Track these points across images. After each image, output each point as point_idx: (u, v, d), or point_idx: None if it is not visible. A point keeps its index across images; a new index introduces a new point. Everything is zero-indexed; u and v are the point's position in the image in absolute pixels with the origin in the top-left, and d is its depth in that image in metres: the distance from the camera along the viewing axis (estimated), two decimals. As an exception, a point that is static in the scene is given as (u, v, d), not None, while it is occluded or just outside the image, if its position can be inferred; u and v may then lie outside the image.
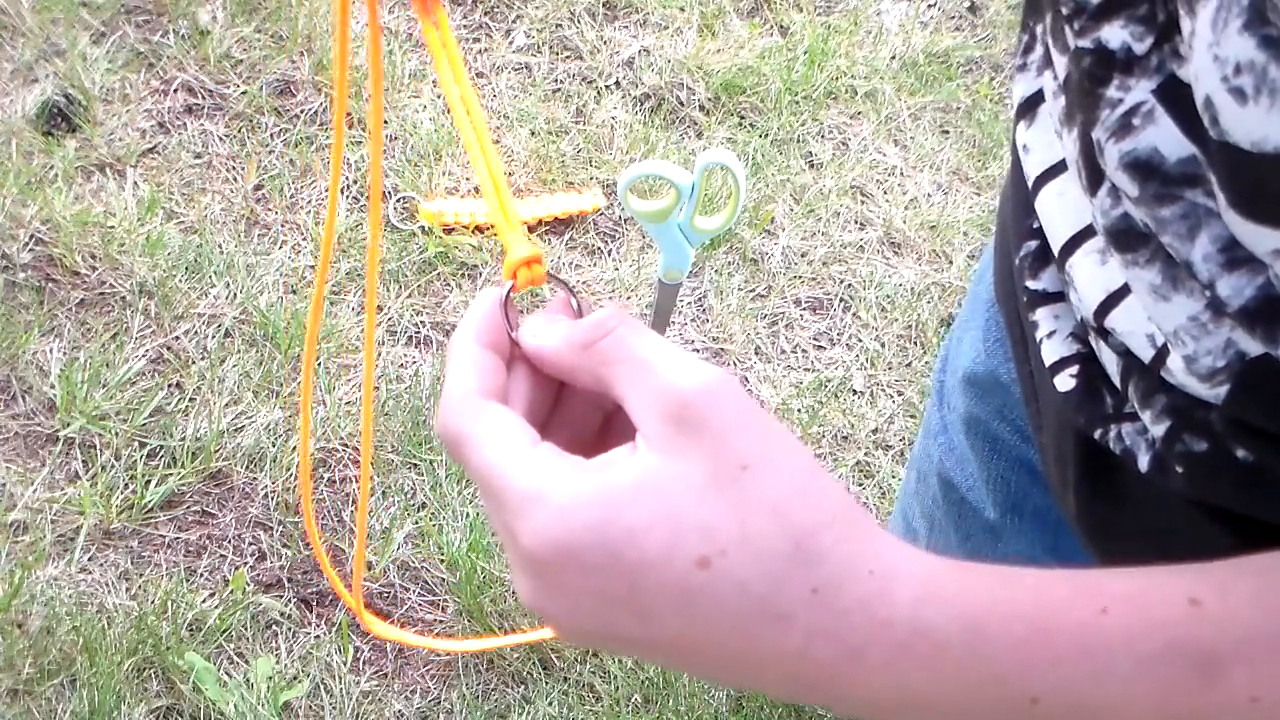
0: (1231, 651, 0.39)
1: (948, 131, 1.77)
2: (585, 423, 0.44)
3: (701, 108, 1.71)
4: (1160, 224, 0.46)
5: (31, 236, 1.41)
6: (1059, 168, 0.57)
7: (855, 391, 1.50)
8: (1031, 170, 0.59)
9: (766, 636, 0.37)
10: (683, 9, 1.79)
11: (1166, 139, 0.45)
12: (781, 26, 1.83)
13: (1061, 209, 0.56)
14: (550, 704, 1.22)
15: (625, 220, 1.57)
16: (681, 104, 1.71)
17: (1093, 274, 0.54)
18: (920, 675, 0.38)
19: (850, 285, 1.58)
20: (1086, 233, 0.55)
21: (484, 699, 1.22)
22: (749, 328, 1.52)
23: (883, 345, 1.54)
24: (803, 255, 1.60)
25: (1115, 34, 0.46)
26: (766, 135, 1.69)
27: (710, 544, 0.37)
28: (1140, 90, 0.45)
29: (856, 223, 1.65)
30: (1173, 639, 0.39)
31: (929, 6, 1.91)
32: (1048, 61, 0.53)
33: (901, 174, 1.70)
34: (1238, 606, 0.40)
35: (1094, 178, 0.49)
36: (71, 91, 1.53)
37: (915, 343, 1.55)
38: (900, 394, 1.51)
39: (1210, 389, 0.48)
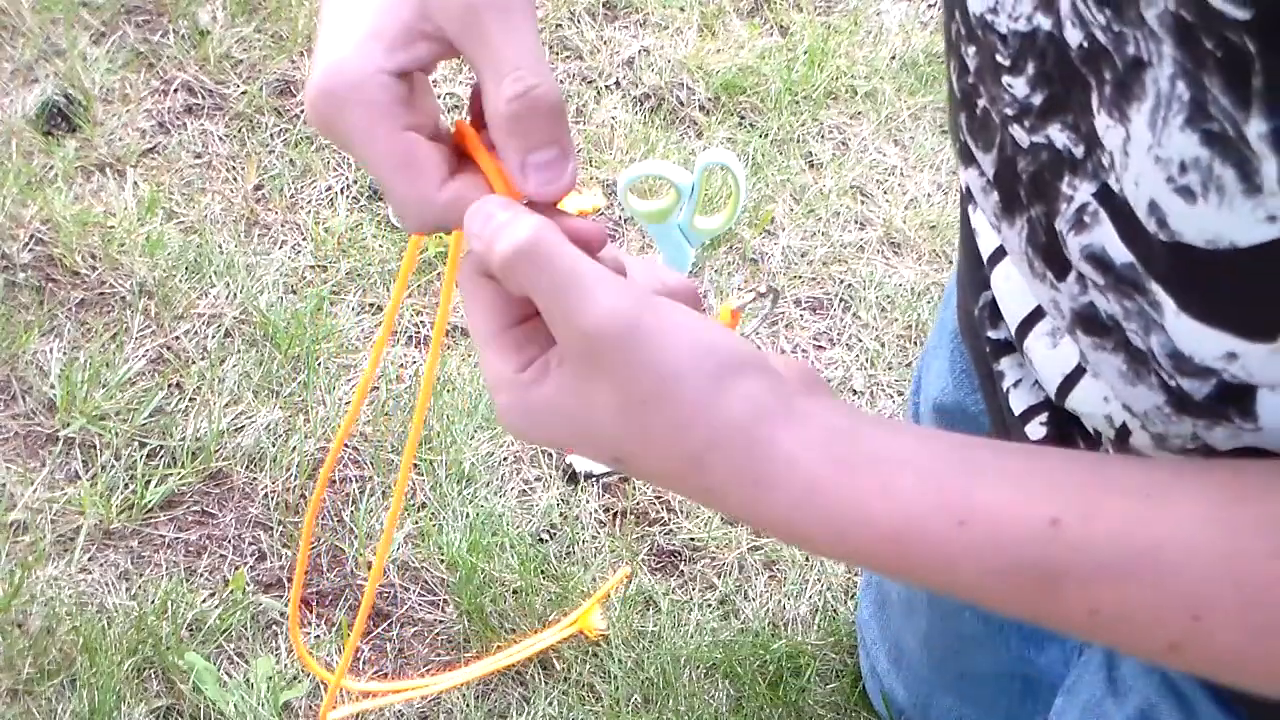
0: (1077, 572, 0.43)
1: (948, 131, 1.77)
2: None
3: (701, 108, 1.71)
4: (1125, 314, 0.46)
5: (31, 236, 1.41)
6: (1001, 252, 0.58)
7: (855, 391, 1.50)
8: (984, 250, 0.59)
9: (678, 490, 0.46)
10: (683, 9, 1.79)
11: (1112, 241, 0.45)
12: (781, 26, 1.83)
13: (1010, 292, 0.57)
14: (550, 704, 1.22)
15: (625, 220, 1.58)
16: (681, 104, 1.71)
17: (1047, 356, 0.55)
18: (801, 546, 0.46)
19: (850, 285, 1.58)
20: (1036, 314, 0.55)
21: (484, 699, 1.22)
22: (749, 328, 1.52)
23: (883, 345, 1.54)
24: (803, 255, 1.60)
25: (1057, 135, 0.46)
26: (766, 135, 1.69)
27: (618, 451, 0.45)
28: (1084, 192, 0.45)
29: (856, 223, 1.65)
30: (1022, 556, 0.43)
31: (929, 6, 1.91)
32: (970, 158, 0.53)
33: (901, 174, 1.70)
34: (1096, 533, 0.43)
35: (1058, 265, 0.49)
36: (71, 91, 1.53)
37: (915, 343, 1.55)
38: (900, 394, 1.51)
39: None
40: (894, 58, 1.82)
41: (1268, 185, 0.36)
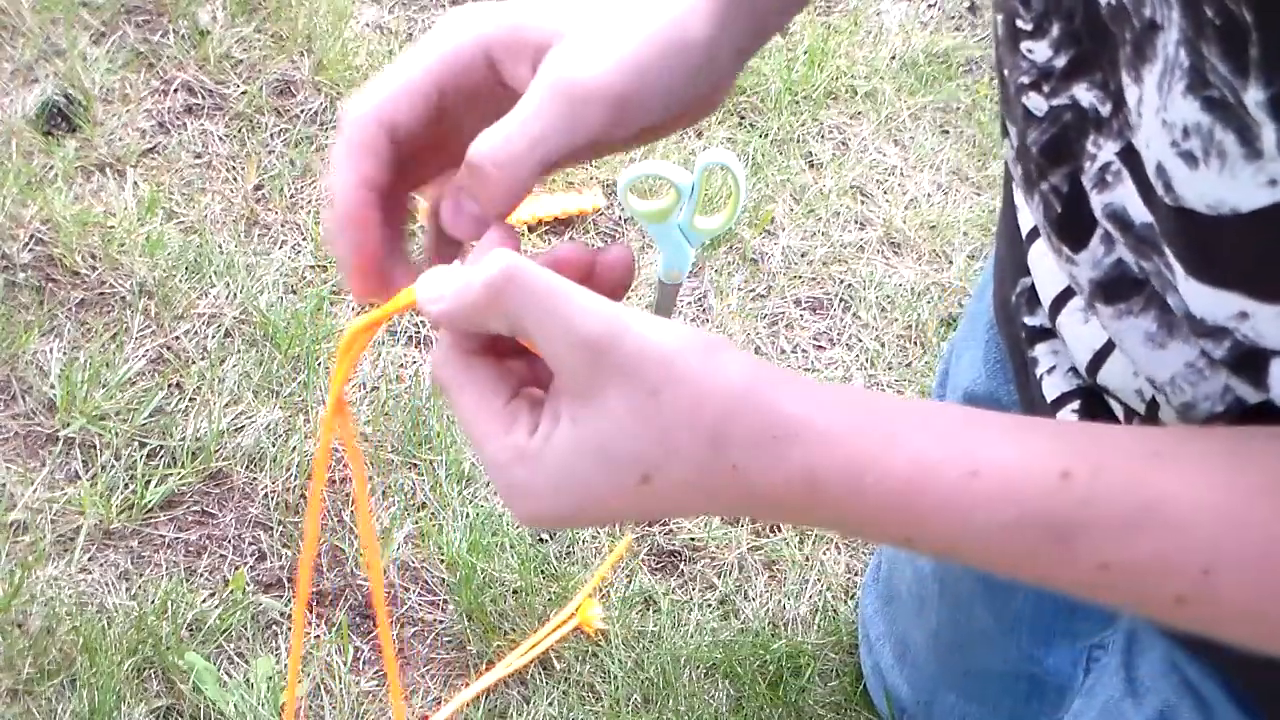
0: (1087, 524, 0.43)
1: (948, 131, 1.77)
2: None
3: (701, 108, 1.71)
4: (1146, 274, 0.46)
5: (31, 236, 1.41)
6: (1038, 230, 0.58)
7: (855, 391, 1.50)
8: (1024, 226, 0.60)
9: (707, 504, 0.46)
10: (683, 9, 1.79)
11: (1132, 201, 0.45)
12: (781, 26, 1.83)
13: (1045, 268, 0.57)
14: (550, 704, 1.22)
15: (625, 220, 1.58)
16: (681, 104, 1.71)
17: (1079, 332, 0.55)
18: (821, 513, 0.46)
19: (850, 285, 1.58)
20: (1069, 291, 0.56)
21: (484, 699, 1.22)
22: (749, 328, 1.52)
23: (883, 345, 1.54)
24: (803, 255, 1.60)
25: (1084, 94, 0.47)
26: (766, 135, 1.69)
27: (644, 466, 0.44)
28: (1108, 150, 0.46)
29: (856, 223, 1.65)
30: (1033, 509, 0.43)
31: (929, 6, 1.91)
32: (1005, 131, 0.54)
33: (901, 174, 1.70)
34: (1107, 485, 0.43)
35: (1074, 238, 0.49)
36: (71, 91, 1.53)
37: (915, 343, 1.55)
38: (900, 394, 1.51)
39: None
40: (894, 58, 1.82)
41: (1268, 151, 0.37)
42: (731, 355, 0.45)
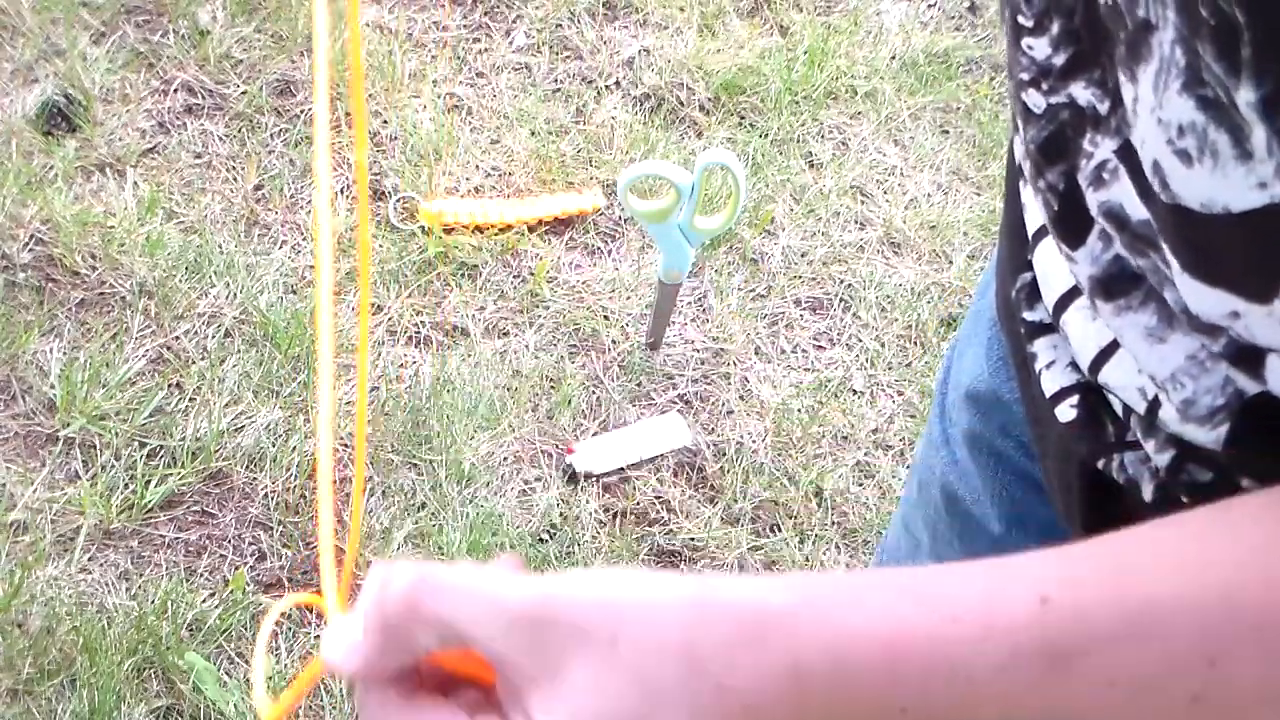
0: (1082, 645, 0.41)
1: (948, 131, 1.77)
2: None
3: (701, 108, 1.71)
4: (1142, 269, 0.46)
5: (31, 236, 1.41)
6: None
7: (855, 391, 1.50)
8: (1030, 224, 0.60)
9: None
10: (683, 9, 1.79)
11: (1129, 198, 0.45)
12: (781, 26, 1.83)
13: (1053, 266, 0.57)
14: (550, 704, 1.22)
15: (625, 220, 1.57)
16: (681, 104, 1.71)
17: (1084, 330, 0.55)
18: (809, 701, 0.42)
19: (850, 285, 1.58)
20: (1074, 291, 0.56)
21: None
22: (749, 328, 1.52)
23: (883, 345, 1.54)
24: (803, 255, 1.60)
25: (1081, 93, 0.47)
26: (766, 135, 1.69)
27: (631, 712, 0.41)
28: (1105, 148, 0.46)
29: (856, 223, 1.65)
30: (1021, 641, 0.41)
31: (929, 6, 1.91)
32: (1016, 126, 0.54)
33: (901, 174, 1.70)
34: (1088, 602, 0.41)
35: (1073, 234, 0.49)
36: (71, 91, 1.53)
37: (915, 343, 1.55)
38: (900, 394, 1.51)
39: (1210, 430, 0.48)
40: (894, 58, 1.82)
41: (1258, 152, 0.37)
42: (665, 574, 0.43)
